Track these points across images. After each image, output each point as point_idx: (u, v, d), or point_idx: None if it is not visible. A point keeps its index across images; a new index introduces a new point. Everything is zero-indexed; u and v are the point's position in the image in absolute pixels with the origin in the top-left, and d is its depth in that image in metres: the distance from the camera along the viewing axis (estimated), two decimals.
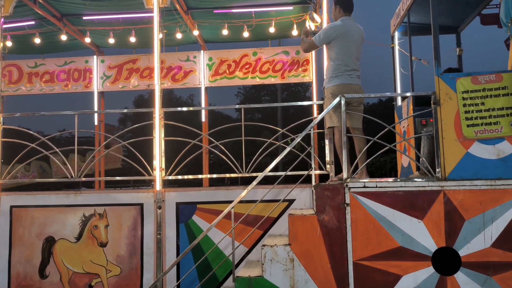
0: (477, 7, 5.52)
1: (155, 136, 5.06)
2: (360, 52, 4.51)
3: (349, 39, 4.36)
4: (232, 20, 7.03)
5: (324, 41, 4.43)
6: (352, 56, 4.40)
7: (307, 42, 4.56)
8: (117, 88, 7.75)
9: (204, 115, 7.65)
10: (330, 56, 4.43)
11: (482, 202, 4.03)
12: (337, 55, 4.35)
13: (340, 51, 4.34)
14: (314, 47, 4.59)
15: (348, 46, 4.35)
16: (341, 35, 4.33)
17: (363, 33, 4.55)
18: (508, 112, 4.11)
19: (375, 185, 4.17)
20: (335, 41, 4.35)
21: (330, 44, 4.40)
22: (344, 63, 4.35)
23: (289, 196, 4.81)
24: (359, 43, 4.46)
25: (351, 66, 4.38)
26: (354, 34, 4.40)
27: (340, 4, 4.49)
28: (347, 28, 4.37)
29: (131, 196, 5.05)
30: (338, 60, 4.35)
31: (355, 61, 4.43)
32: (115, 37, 7.30)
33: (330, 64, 4.43)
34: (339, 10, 4.50)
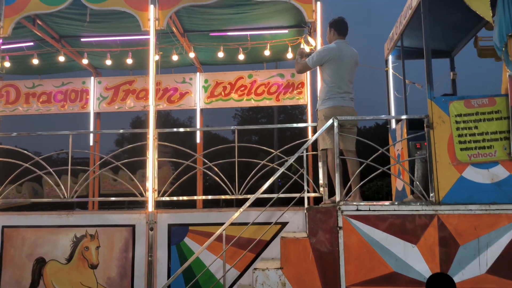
0: (470, 32, 5.59)
1: (149, 157, 5.04)
2: (354, 75, 4.54)
3: (343, 61, 4.39)
4: (228, 43, 7.11)
5: (318, 63, 4.46)
6: (345, 79, 4.42)
7: (301, 63, 4.60)
8: (113, 109, 7.78)
9: (199, 136, 7.65)
10: (323, 78, 4.46)
11: (476, 227, 3.98)
12: (330, 78, 4.37)
13: (333, 74, 4.37)
14: (307, 69, 4.62)
15: (341, 69, 4.38)
16: (334, 58, 4.37)
17: (357, 56, 4.59)
18: (502, 136, 4.10)
19: (368, 208, 4.13)
20: (328, 63, 4.38)
21: (323, 66, 4.44)
22: (337, 85, 4.37)
23: (282, 219, 4.75)
24: (353, 66, 4.49)
25: (344, 88, 4.40)
26: (347, 57, 4.44)
27: (335, 27, 4.55)
28: (340, 51, 4.41)
29: (123, 217, 4.99)
30: (331, 83, 4.38)
31: (348, 83, 4.45)
32: (112, 59, 7.36)
33: (323, 86, 4.45)
34: (333, 33, 4.55)
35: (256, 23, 6.69)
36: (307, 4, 5.28)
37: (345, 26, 4.57)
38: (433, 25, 5.13)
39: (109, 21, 6.21)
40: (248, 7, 6.05)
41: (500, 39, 4.15)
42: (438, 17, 5.02)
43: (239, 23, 6.69)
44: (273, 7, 6.03)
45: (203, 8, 5.96)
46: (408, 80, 5.86)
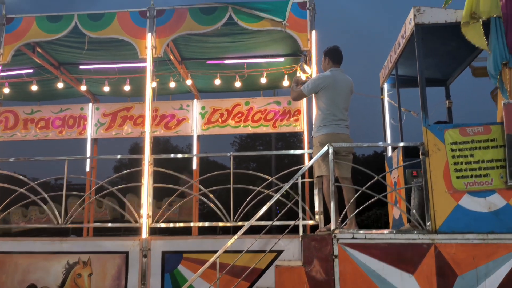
0: (465, 61, 5.66)
1: (143, 183, 5.00)
2: (349, 102, 4.57)
3: (337, 89, 4.43)
4: (225, 71, 7.20)
5: (313, 90, 4.50)
6: (340, 106, 4.45)
7: (296, 91, 4.64)
8: (110, 135, 7.80)
9: (196, 162, 7.62)
10: (318, 105, 4.49)
11: (475, 257, 3.91)
12: (325, 105, 4.41)
13: (328, 101, 4.40)
14: (302, 96, 4.66)
15: (336, 96, 4.41)
16: (329, 86, 4.41)
17: (352, 84, 4.64)
18: (498, 165, 4.09)
19: (364, 237, 4.07)
20: (323, 91, 4.42)
21: (318, 94, 4.47)
22: (332, 112, 4.39)
23: (278, 247, 4.66)
24: (348, 94, 4.53)
25: (339, 116, 4.42)
26: (342, 84, 4.48)
27: (329, 56, 4.61)
28: (335, 78, 4.46)
29: (116, 243, 4.91)
30: (326, 110, 4.40)
31: (343, 111, 4.48)
32: (110, 86, 7.43)
33: (319, 113, 4.48)
34: (328, 61, 4.62)
35: (252, 52, 6.79)
36: (302, 33, 5.39)
37: (340, 55, 4.63)
38: (427, 54, 5.21)
39: (108, 48, 6.31)
40: (244, 35, 6.16)
41: (494, 68, 4.20)
42: (432, 46, 5.10)
43: (235, 52, 6.79)
44: (269, 36, 6.13)
45: (200, 36, 6.06)
46: (404, 108, 5.89)
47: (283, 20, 5.34)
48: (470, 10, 4.28)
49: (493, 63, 4.21)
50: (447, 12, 4.46)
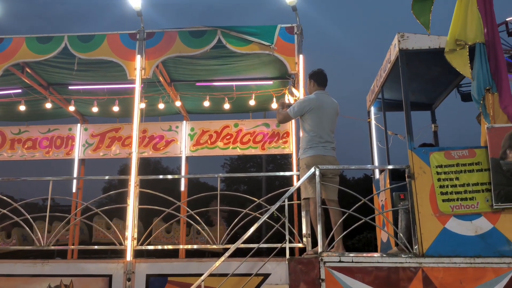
0: (449, 86, 5.77)
1: (129, 204, 4.94)
2: (335, 125, 4.60)
3: (323, 111, 4.47)
4: (214, 93, 7.25)
5: (298, 113, 4.54)
6: (326, 128, 4.48)
7: (282, 113, 4.67)
8: (98, 156, 7.73)
9: (184, 184, 7.56)
10: (304, 128, 4.51)
11: (462, 281, 3.88)
12: (311, 127, 4.43)
13: (313, 123, 4.43)
14: (288, 119, 4.70)
15: (322, 119, 4.44)
16: (315, 108, 4.45)
17: (338, 106, 4.68)
18: (483, 188, 4.11)
19: (351, 260, 4.03)
20: (308, 113, 4.45)
21: (304, 116, 4.51)
22: (318, 134, 4.41)
23: (265, 270, 4.58)
24: (333, 116, 4.57)
25: (325, 137, 4.44)
26: (327, 107, 4.53)
27: (314, 79, 4.68)
28: (320, 101, 4.51)
29: (100, 266, 4.79)
30: (312, 132, 4.43)
31: (329, 133, 4.50)
32: (99, 106, 7.42)
33: (304, 135, 4.50)
34: (313, 84, 4.67)
35: (241, 74, 6.87)
36: (290, 57, 5.47)
37: (324, 77, 4.70)
38: (412, 78, 5.31)
39: (97, 69, 6.33)
40: (233, 58, 6.23)
41: (478, 93, 4.28)
42: (417, 71, 5.19)
43: (225, 74, 6.86)
44: (257, 59, 6.22)
45: (189, 59, 6.12)
46: (390, 131, 5.95)
47: (271, 44, 5.44)
48: (454, 38, 4.38)
49: (477, 88, 4.29)
50: (430, 38, 4.57)
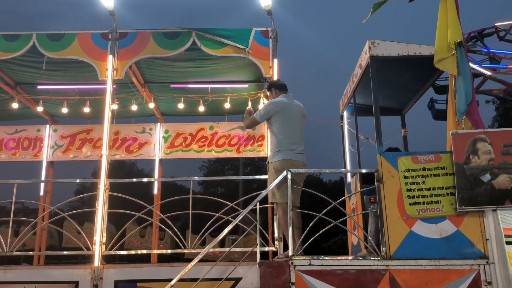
0: (418, 92, 5.92)
1: (98, 208, 4.83)
2: (302, 126, 4.64)
3: (289, 113, 4.51)
4: (189, 95, 7.19)
5: (265, 116, 4.56)
6: (294, 130, 4.50)
7: (249, 118, 4.70)
8: (67, 158, 7.52)
9: (157, 187, 7.46)
10: (272, 131, 4.54)
11: (427, 283, 3.97)
12: (278, 130, 4.46)
13: (281, 125, 4.46)
14: (255, 123, 4.71)
15: (289, 120, 4.48)
16: (281, 110, 4.49)
17: (303, 109, 4.72)
18: (448, 192, 4.23)
19: (321, 263, 4.06)
20: (275, 116, 4.49)
21: (271, 120, 4.54)
22: (286, 136, 4.44)
23: (236, 275, 4.56)
24: (300, 118, 4.61)
25: (293, 139, 4.46)
26: (293, 109, 4.57)
27: (275, 86, 4.76)
28: (286, 103, 4.55)
29: (66, 272, 4.65)
30: (280, 134, 4.45)
31: (297, 135, 4.53)
32: (70, 107, 7.24)
33: (273, 138, 4.52)
34: (275, 92, 4.74)
35: (216, 77, 6.84)
36: (265, 60, 5.49)
37: (283, 84, 4.79)
38: (383, 84, 5.42)
39: (67, 69, 6.18)
40: (208, 61, 6.20)
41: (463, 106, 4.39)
42: (387, 77, 5.31)
43: (199, 76, 6.82)
44: (232, 62, 6.21)
45: (164, 60, 6.06)
46: (362, 136, 6.06)
47: (246, 47, 5.44)
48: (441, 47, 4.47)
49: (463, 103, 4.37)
50: (400, 45, 4.68)
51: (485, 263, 3.99)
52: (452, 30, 4.43)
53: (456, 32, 4.41)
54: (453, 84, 4.47)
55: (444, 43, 4.49)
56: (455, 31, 4.42)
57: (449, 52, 4.47)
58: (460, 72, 4.42)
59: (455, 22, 4.46)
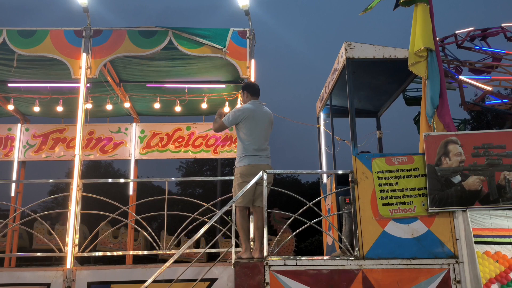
0: (393, 94, 6.03)
1: (71, 209, 4.73)
2: (269, 133, 4.61)
3: (256, 120, 4.50)
4: (165, 94, 7.11)
5: (233, 122, 4.56)
6: (260, 137, 4.49)
7: (218, 122, 4.68)
8: (40, 158, 7.34)
9: (132, 188, 7.36)
10: (239, 136, 4.54)
11: (399, 282, 4.05)
12: (245, 136, 4.46)
13: (248, 132, 4.46)
14: (223, 127, 4.68)
15: (256, 127, 4.47)
16: (249, 117, 4.48)
17: (271, 116, 4.70)
18: (420, 193, 4.32)
19: (296, 263, 4.09)
20: (243, 122, 4.48)
21: (239, 125, 4.53)
22: (252, 143, 4.43)
23: (211, 275, 4.54)
24: (267, 125, 4.59)
25: (259, 146, 4.46)
26: (261, 116, 4.56)
27: (247, 90, 4.74)
28: (254, 110, 4.54)
29: (37, 275, 4.52)
30: (246, 141, 4.45)
31: (263, 141, 4.52)
32: (42, 106, 7.06)
33: (240, 144, 4.52)
34: (247, 95, 4.73)
35: (193, 77, 6.80)
36: (242, 61, 5.49)
37: (257, 88, 4.77)
38: (359, 86, 5.49)
39: (39, 67, 6.02)
40: (185, 61, 6.15)
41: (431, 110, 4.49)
42: (363, 80, 5.38)
43: (176, 76, 6.76)
44: (210, 62, 6.18)
45: (139, 59, 5.98)
46: (338, 137, 6.12)
47: (223, 47, 5.42)
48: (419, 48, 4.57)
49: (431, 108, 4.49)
50: (375, 48, 4.75)
51: (455, 262, 4.09)
52: (424, 36, 4.54)
53: (428, 39, 4.52)
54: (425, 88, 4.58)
55: (418, 48, 4.60)
56: (427, 37, 4.54)
57: (421, 57, 4.58)
58: (429, 76, 4.54)
59: (428, 28, 4.57)
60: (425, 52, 4.55)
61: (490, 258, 4.10)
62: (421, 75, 4.62)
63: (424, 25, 4.56)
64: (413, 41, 4.62)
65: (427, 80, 4.56)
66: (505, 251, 4.13)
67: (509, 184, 4.13)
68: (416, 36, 4.56)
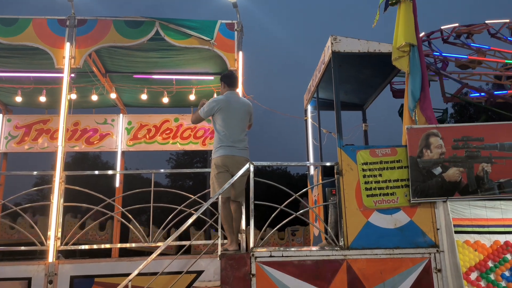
0: (379, 87, 6.09)
1: (53, 201, 4.68)
2: (246, 123, 4.60)
3: (232, 111, 4.48)
4: (153, 86, 7.05)
5: (208, 113, 4.55)
6: (236, 127, 4.48)
7: (195, 114, 4.67)
8: (22, 149, 7.20)
9: (119, 180, 7.31)
10: (215, 127, 4.53)
11: (382, 271, 4.12)
12: (220, 127, 4.45)
13: (223, 123, 4.45)
14: (200, 119, 4.67)
15: (231, 118, 4.46)
16: (223, 108, 4.47)
17: (249, 106, 4.67)
18: (403, 184, 4.40)
19: (282, 255, 4.13)
20: (217, 113, 4.48)
21: (214, 117, 4.53)
22: (227, 134, 4.42)
23: (198, 268, 4.55)
24: (244, 115, 4.57)
25: (234, 137, 4.45)
26: (237, 106, 4.53)
27: (224, 81, 4.73)
28: (228, 101, 4.52)
29: (17, 269, 4.44)
30: (221, 132, 4.44)
31: (239, 132, 4.50)
32: (24, 96, 6.93)
33: (216, 135, 4.51)
34: (224, 86, 4.73)
35: (181, 68, 6.74)
36: (230, 53, 5.46)
37: (234, 79, 4.75)
38: (345, 80, 5.53)
39: (22, 56, 5.91)
40: (172, 52, 6.10)
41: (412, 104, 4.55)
42: (349, 73, 5.42)
43: (164, 67, 6.70)
44: (198, 53, 6.14)
45: (126, 50, 5.91)
46: (325, 130, 6.17)
47: (211, 39, 5.40)
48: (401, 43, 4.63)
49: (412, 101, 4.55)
50: (360, 42, 4.79)
51: (436, 252, 4.19)
52: (407, 32, 4.60)
53: (410, 34, 4.59)
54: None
55: (400, 44, 4.66)
56: (410, 33, 4.60)
57: (404, 52, 4.64)
58: (410, 71, 4.60)
59: (410, 24, 4.63)
60: (407, 47, 4.61)
61: (469, 247, 4.20)
62: (403, 69, 4.69)
63: (407, 21, 4.62)
64: (396, 36, 4.68)
65: (409, 75, 4.62)
66: (484, 240, 4.24)
67: (487, 176, 4.23)
68: (399, 32, 4.63)
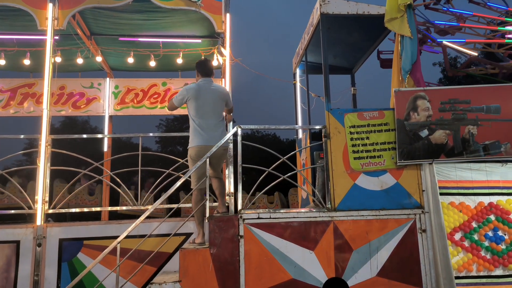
0: (367, 51, 6.01)
1: (39, 165, 4.66)
2: (220, 110, 4.51)
3: (202, 99, 4.39)
4: (139, 49, 6.88)
5: (180, 102, 4.47)
6: (208, 115, 4.40)
7: (170, 101, 4.60)
8: (8, 114, 7.08)
9: (107, 144, 7.27)
10: (189, 116, 4.46)
11: (368, 232, 4.22)
12: (193, 116, 4.39)
13: (195, 112, 4.38)
14: (173, 107, 4.58)
15: (202, 106, 4.38)
16: (192, 97, 4.38)
17: (222, 92, 4.56)
18: (390, 147, 4.43)
19: (269, 216, 4.20)
20: (189, 102, 4.41)
21: (187, 105, 4.46)
22: (199, 122, 4.36)
23: (187, 230, 4.64)
24: (216, 101, 4.46)
25: (207, 124, 4.39)
26: (208, 94, 4.43)
27: (198, 69, 4.62)
28: (198, 90, 4.42)
29: (5, 232, 4.48)
30: (195, 120, 4.37)
31: (214, 119, 4.42)
32: (8, 59, 6.74)
33: (190, 123, 4.45)
34: (197, 74, 4.64)
35: (168, 31, 6.57)
36: (217, 15, 5.34)
37: (207, 67, 4.61)
38: (334, 43, 5.45)
39: (3, 18, 5.70)
40: (159, 14, 5.92)
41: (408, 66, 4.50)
42: (338, 36, 5.33)
43: (150, 30, 6.53)
44: (185, 16, 5.97)
45: (111, 11, 5.72)
46: (314, 94, 6.13)
47: (197, 0, 5.24)
48: (392, 6, 4.52)
49: (409, 62, 4.50)
50: (349, 4, 4.69)
51: (421, 213, 4.28)
52: None
53: None
54: (399, 44, 4.59)
55: (395, 4, 4.56)
56: None
57: (399, 13, 4.55)
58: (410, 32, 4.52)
59: None
60: (403, 8, 4.52)
61: (454, 208, 4.31)
62: (397, 31, 4.60)
63: None
64: None
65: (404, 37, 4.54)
66: (469, 201, 4.34)
67: (473, 138, 4.27)
68: None
